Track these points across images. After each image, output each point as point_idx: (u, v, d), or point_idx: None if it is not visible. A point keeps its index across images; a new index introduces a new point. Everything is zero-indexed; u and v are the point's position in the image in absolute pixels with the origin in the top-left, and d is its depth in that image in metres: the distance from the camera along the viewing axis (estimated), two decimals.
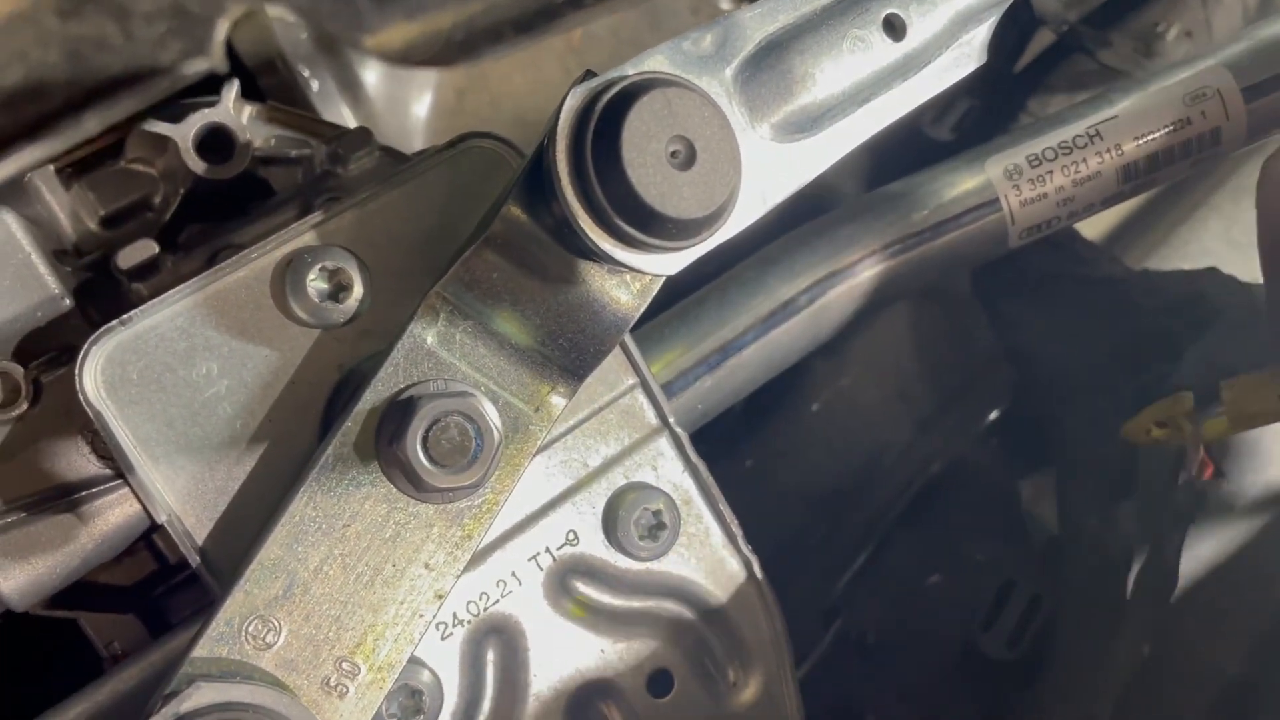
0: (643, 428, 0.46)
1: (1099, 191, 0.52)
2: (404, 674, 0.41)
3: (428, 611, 0.39)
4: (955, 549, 0.66)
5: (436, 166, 0.43)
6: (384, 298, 0.42)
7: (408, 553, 0.39)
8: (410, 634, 0.39)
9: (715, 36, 0.39)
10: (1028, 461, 0.70)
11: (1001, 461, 0.70)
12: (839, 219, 0.52)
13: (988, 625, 0.59)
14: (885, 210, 0.52)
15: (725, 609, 0.48)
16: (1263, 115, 0.52)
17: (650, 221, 0.35)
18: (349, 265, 0.41)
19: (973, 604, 0.61)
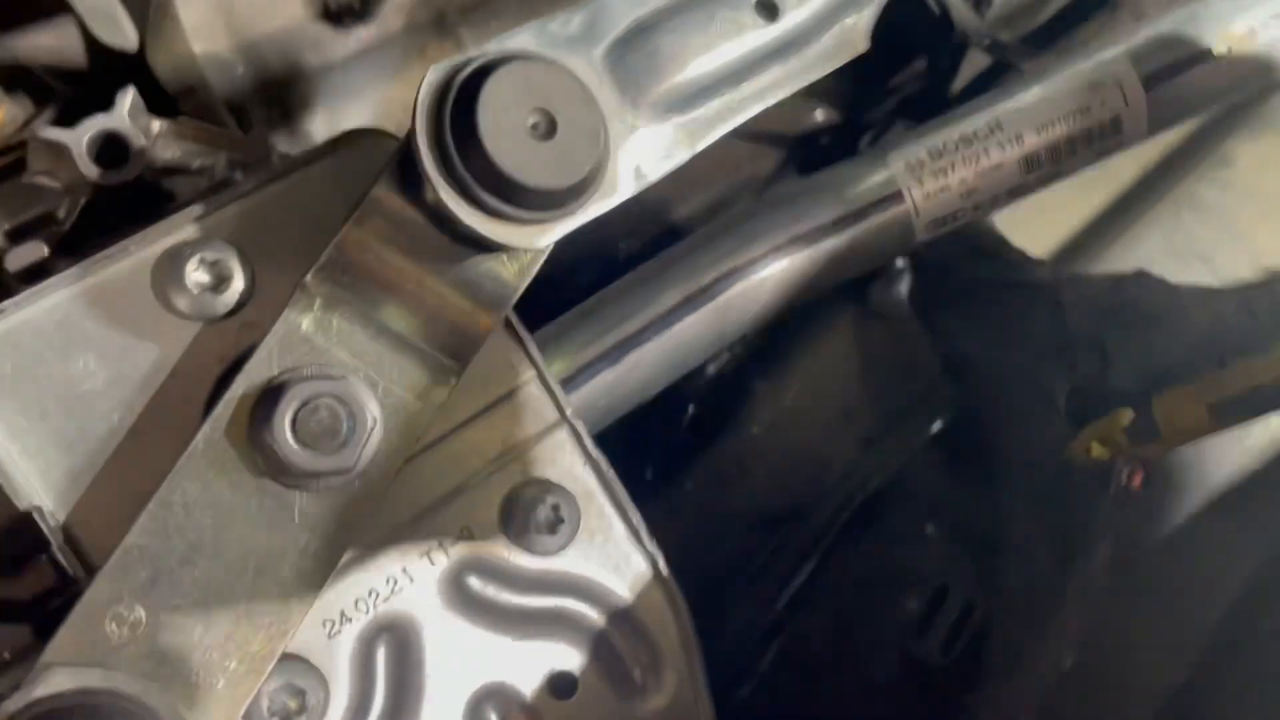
0: (540, 421, 0.46)
1: (1002, 182, 0.52)
2: (288, 672, 0.40)
3: (303, 603, 0.38)
4: (895, 561, 0.65)
5: (319, 160, 0.43)
6: (268, 291, 0.42)
7: (281, 541, 0.38)
8: (284, 626, 0.38)
9: (584, 18, 0.39)
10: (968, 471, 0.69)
11: (942, 473, 0.69)
12: (742, 215, 0.52)
13: (921, 632, 0.58)
14: (788, 206, 0.52)
15: (631, 608, 0.47)
16: (1164, 104, 0.52)
17: (512, 192, 0.35)
18: (229, 257, 0.41)
19: (911, 613, 0.60)
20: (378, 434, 0.39)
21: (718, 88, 0.41)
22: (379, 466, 0.40)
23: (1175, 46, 0.52)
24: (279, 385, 0.38)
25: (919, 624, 0.59)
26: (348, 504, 0.39)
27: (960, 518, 0.65)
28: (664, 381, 0.51)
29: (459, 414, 0.45)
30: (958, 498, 0.67)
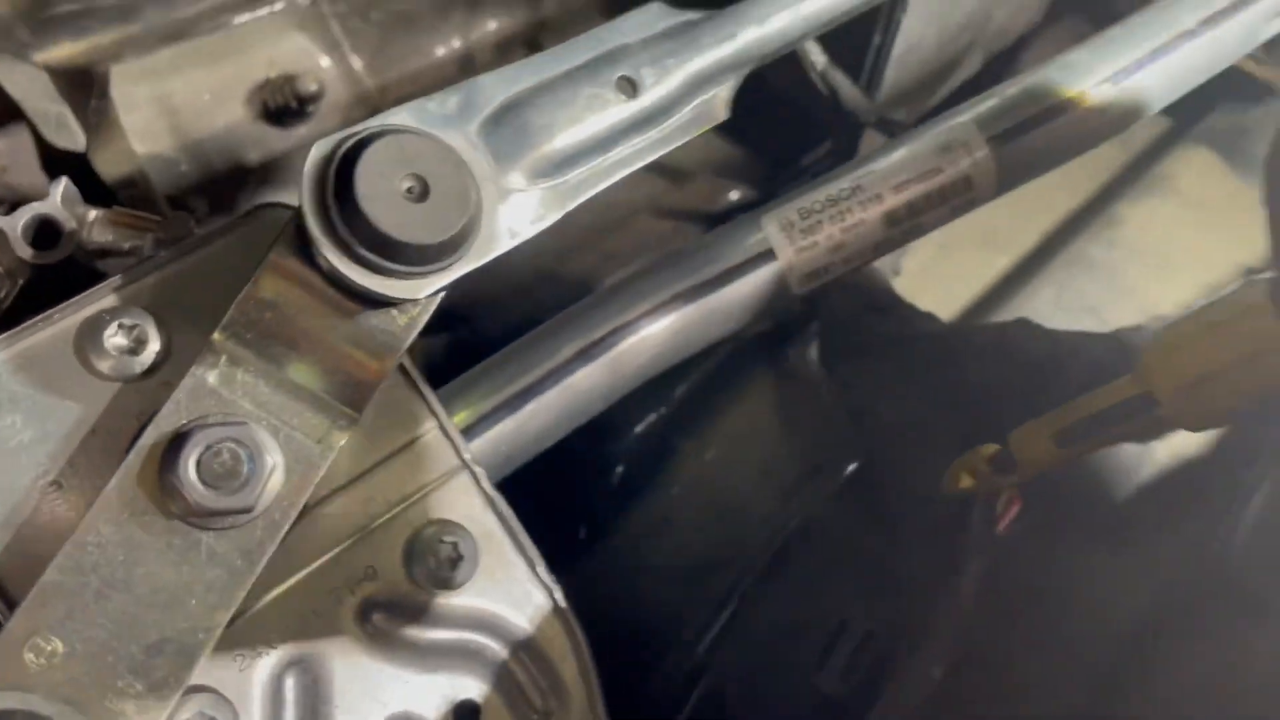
0: (441, 467, 0.49)
1: (866, 237, 0.56)
2: (201, 703, 0.43)
3: (209, 634, 0.42)
4: (802, 601, 0.68)
5: (229, 233, 0.47)
6: (183, 352, 0.46)
7: (189, 577, 0.42)
8: (191, 655, 0.41)
9: (459, 98, 0.44)
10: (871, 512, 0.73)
11: (849, 516, 0.73)
12: (632, 277, 0.57)
13: (821, 664, 0.61)
14: (673, 266, 0.56)
15: (531, 639, 0.50)
16: (1010, 162, 0.57)
17: (390, 249, 0.40)
18: (146, 323, 0.45)
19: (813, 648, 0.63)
20: (278, 475, 0.43)
21: (584, 156, 0.46)
22: (280, 506, 0.43)
23: (1017, 110, 0.58)
24: (185, 433, 0.42)
25: (819, 657, 0.62)
26: (252, 542, 0.43)
27: (864, 556, 0.69)
28: (563, 430, 0.55)
29: (365, 462, 0.48)
30: (862, 538, 0.71)
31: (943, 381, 0.66)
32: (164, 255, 0.47)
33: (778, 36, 0.53)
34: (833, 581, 0.69)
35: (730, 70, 0.51)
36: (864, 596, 0.66)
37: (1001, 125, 0.57)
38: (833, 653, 0.62)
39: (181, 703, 0.42)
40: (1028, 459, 0.54)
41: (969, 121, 0.57)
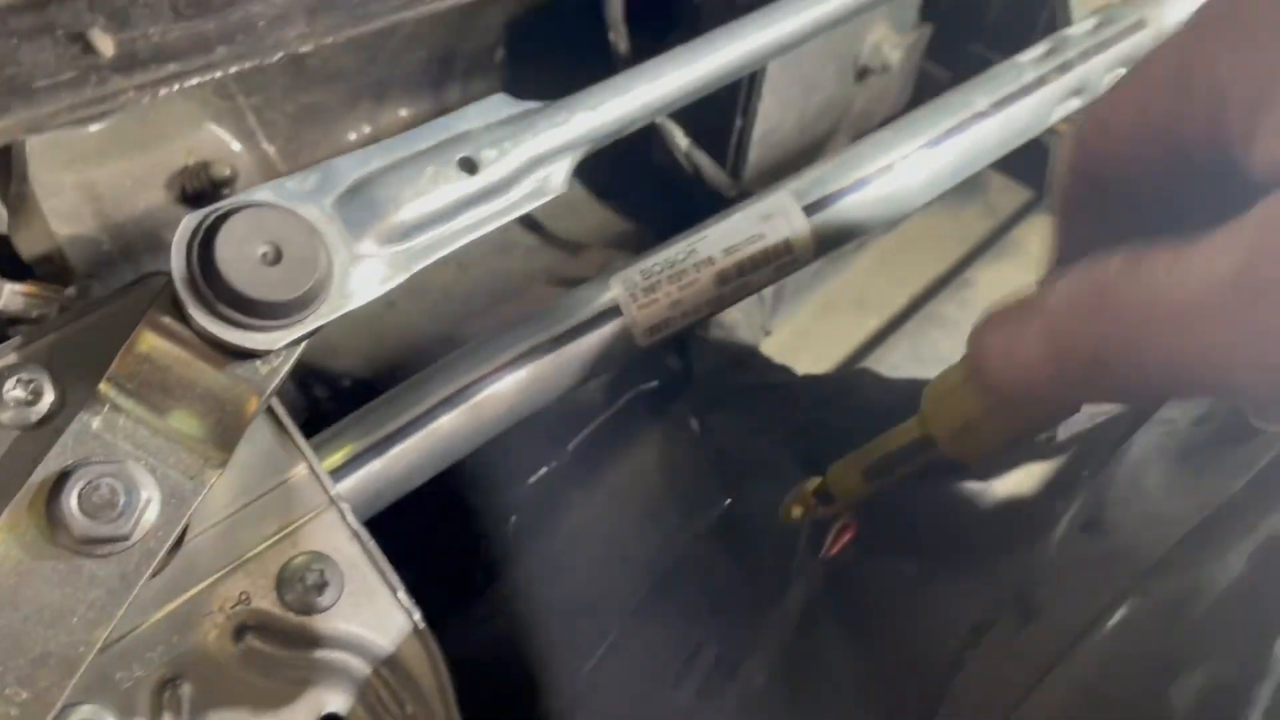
0: (311, 504, 0.55)
1: (702, 294, 0.64)
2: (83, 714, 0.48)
3: (89, 649, 0.47)
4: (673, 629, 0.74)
5: (119, 297, 0.54)
6: (75, 403, 0.52)
7: (71, 599, 0.47)
8: (71, 668, 0.46)
9: (317, 176, 0.51)
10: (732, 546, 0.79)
11: (715, 550, 0.79)
12: (494, 335, 0.63)
13: (676, 685, 0.67)
14: (529, 324, 0.63)
15: (392, 658, 0.55)
16: (824, 227, 0.65)
17: (246, 306, 0.47)
18: (42, 377, 0.51)
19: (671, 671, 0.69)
20: (153, 508, 0.49)
21: (429, 225, 0.53)
22: (156, 536, 0.49)
23: (830, 182, 0.66)
24: (69, 471, 0.47)
25: (675, 678, 0.67)
26: (129, 567, 0.48)
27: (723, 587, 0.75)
28: (428, 470, 0.61)
29: (241, 499, 0.54)
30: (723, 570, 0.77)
31: (791, 425, 0.73)
32: (60, 318, 0.53)
33: (612, 121, 0.61)
34: (696, 611, 0.75)
35: (565, 151, 0.58)
36: (721, 622, 0.72)
37: (815, 195, 0.65)
38: (689, 673, 0.67)
39: (67, 714, 0.48)
40: (842, 490, 0.61)
41: (786, 193, 0.65)
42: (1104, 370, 0.38)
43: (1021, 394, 0.44)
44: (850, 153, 0.67)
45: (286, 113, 0.98)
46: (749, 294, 0.67)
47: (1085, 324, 0.39)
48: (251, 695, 0.53)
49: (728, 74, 0.66)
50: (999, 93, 0.70)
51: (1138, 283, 0.36)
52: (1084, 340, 0.39)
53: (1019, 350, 0.42)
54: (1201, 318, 0.33)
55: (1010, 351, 0.42)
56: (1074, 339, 0.39)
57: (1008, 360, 0.43)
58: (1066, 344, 0.40)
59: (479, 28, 1.01)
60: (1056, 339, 0.40)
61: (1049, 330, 0.40)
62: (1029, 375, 0.42)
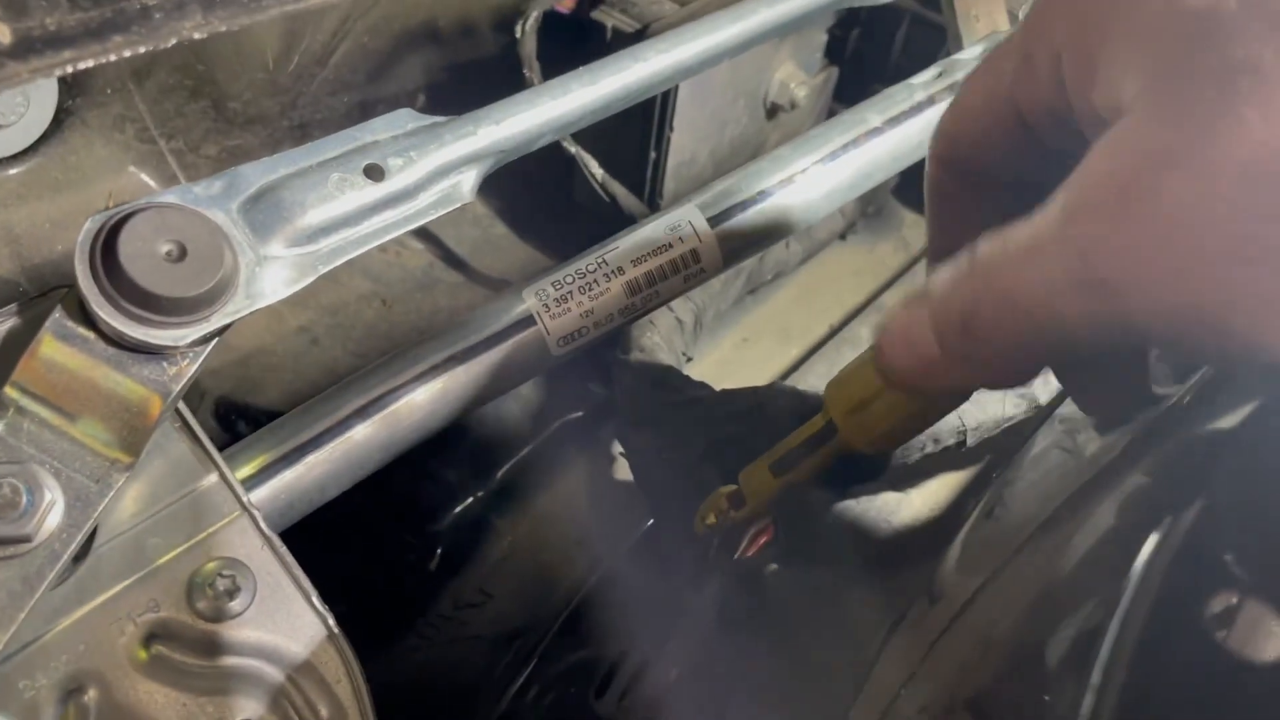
0: (222, 511, 0.55)
1: (613, 304, 0.65)
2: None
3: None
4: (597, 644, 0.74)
5: (25, 309, 0.54)
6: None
7: None
8: None
9: (223, 183, 0.52)
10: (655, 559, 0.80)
11: (639, 566, 0.80)
12: (410, 347, 0.64)
13: (600, 693, 0.67)
14: (445, 335, 0.64)
15: (307, 663, 0.55)
16: (730, 237, 0.67)
17: (149, 301, 0.47)
18: None
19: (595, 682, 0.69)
20: (57, 510, 0.48)
21: (335, 229, 0.54)
22: (60, 539, 0.49)
23: (734, 195, 0.68)
24: None
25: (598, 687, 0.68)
26: (31, 570, 0.48)
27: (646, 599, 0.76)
28: (344, 481, 0.61)
29: (151, 506, 0.54)
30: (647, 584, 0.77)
31: (710, 439, 0.75)
32: None
33: (518, 134, 0.63)
34: (620, 625, 0.75)
35: (471, 162, 0.60)
36: (644, 632, 0.72)
37: (721, 206, 0.67)
38: (611, 682, 0.68)
39: None
40: (752, 490, 0.62)
41: (692, 205, 0.67)
42: (975, 340, 0.41)
43: (917, 375, 0.46)
44: (752, 167, 0.70)
45: (209, 156, 0.99)
46: (659, 304, 0.68)
47: (957, 298, 0.41)
48: (160, 705, 0.52)
49: (631, 93, 0.69)
50: (891, 110, 0.74)
51: (997, 254, 0.39)
52: (956, 314, 0.41)
53: (912, 333, 0.44)
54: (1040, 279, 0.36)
55: (905, 336, 0.45)
56: (948, 314, 0.42)
57: (903, 344, 0.45)
58: (944, 320, 0.42)
59: (399, 73, 1.03)
60: (937, 317, 0.43)
61: (932, 311, 0.43)
62: (920, 355, 0.44)
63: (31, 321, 0.54)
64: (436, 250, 1.06)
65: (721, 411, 0.78)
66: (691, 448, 0.77)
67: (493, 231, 1.07)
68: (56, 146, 0.91)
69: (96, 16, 0.36)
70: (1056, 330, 0.37)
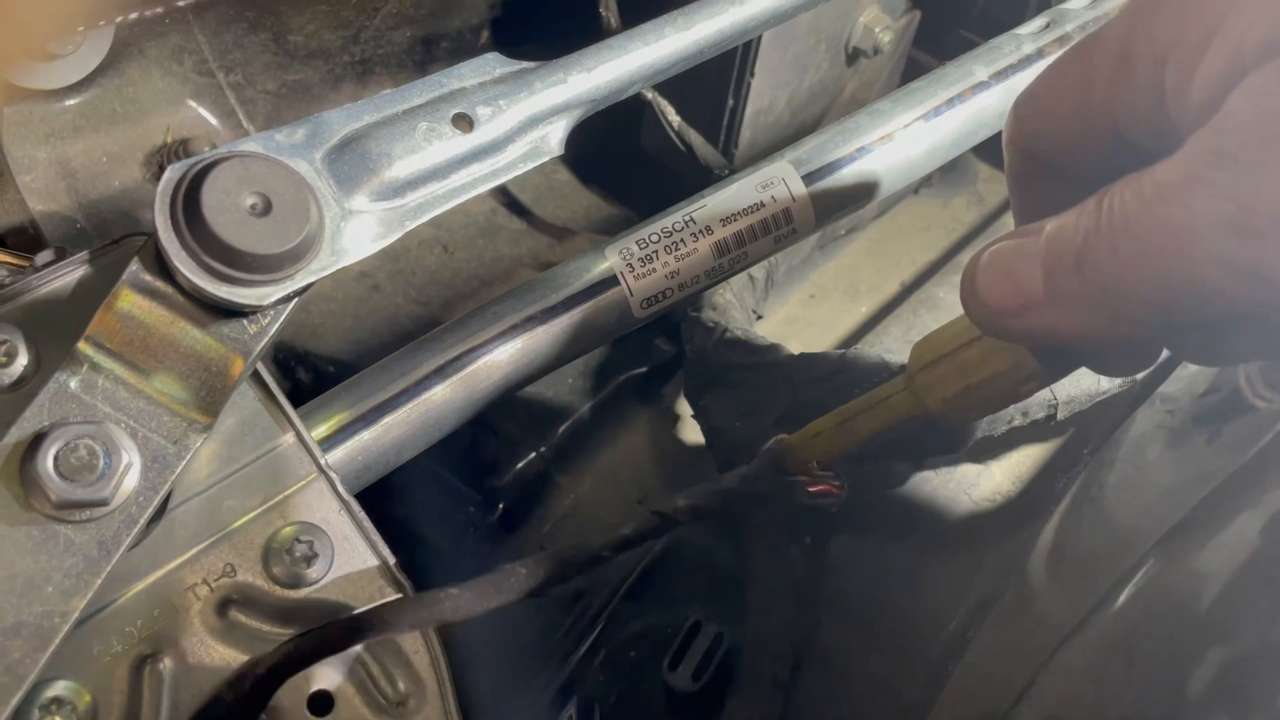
0: (299, 473, 0.53)
1: (699, 265, 0.62)
2: (58, 690, 0.46)
3: (64, 620, 0.45)
4: (665, 612, 0.72)
5: (97, 257, 0.52)
6: (52, 366, 0.49)
7: (46, 566, 0.45)
8: (46, 639, 0.44)
9: (305, 130, 0.49)
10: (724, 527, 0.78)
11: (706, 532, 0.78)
12: (489, 305, 0.61)
13: (675, 664, 0.65)
14: (524, 293, 0.61)
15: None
16: (824, 196, 0.64)
17: (233, 258, 0.44)
18: (15, 338, 0.49)
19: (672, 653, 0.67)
20: (134, 473, 0.46)
21: (422, 182, 0.51)
22: (137, 502, 0.47)
23: (829, 151, 0.64)
24: (45, 432, 0.45)
25: (673, 659, 0.66)
26: (108, 534, 0.46)
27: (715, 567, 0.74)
28: (420, 443, 0.59)
29: (227, 467, 0.52)
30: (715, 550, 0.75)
31: (782, 403, 0.72)
32: (35, 279, 0.51)
33: (609, 83, 0.59)
34: (689, 593, 0.73)
35: (561, 111, 0.57)
36: (715, 603, 0.70)
37: (815, 164, 0.64)
38: (686, 654, 0.66)
39: (40, 689, 0.45)
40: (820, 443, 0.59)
41: (786, 163, 0.63)
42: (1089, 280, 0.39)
43: (1011, 313, 0.43)
44: (850, 122, 0.66)
45: (268, 90, 0.96)
46: (747, 266, 0.65)
47: (1077, 232, 0.39)
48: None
49: (722, 41, 0.65)
50: (998, 64, 0.69)
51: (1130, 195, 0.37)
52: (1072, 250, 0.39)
53: (1015, 265, 0.41)
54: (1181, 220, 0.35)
55: (1006, 266, 0.42)
56: (1063, 248, 0.40)
57: (1002, 275, 0.42)
58: (1056, 254, 0.40)
59: (464, 6, 0.99)
60: (1050, 250, 0.40)
61: (1045, 242, 0.40)
62: (1019, 289, 0.41)
63: (105, 271, 0.52)
64: (499, 196, 1.03)
65: (802, 376, 0.75)
66: (769, 413, 0.75)
67: (556, 178, 1.04)
68: (113, 78, 0.88)
69: None
70: (1188, 277, 0.35)
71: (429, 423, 0.59)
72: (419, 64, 1.02)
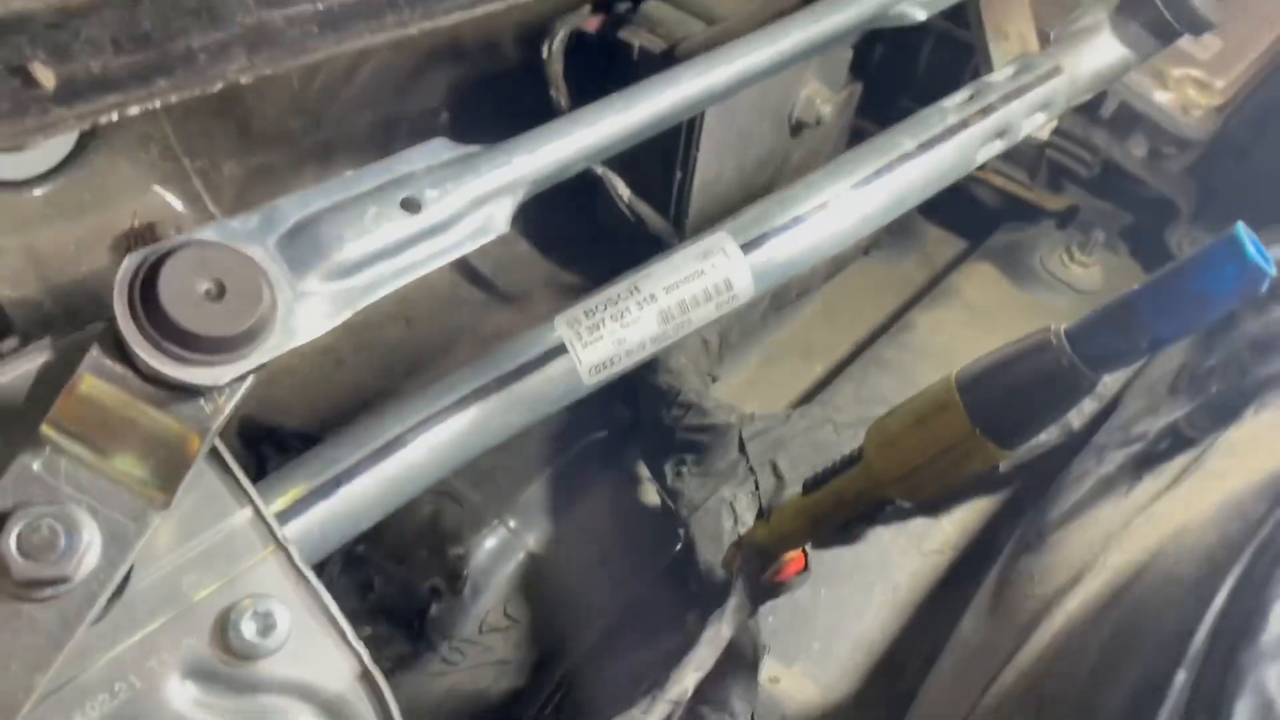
0: (257, 547, 0.55)
1: (645, 331, 0.65)
2: None
3: (28, 694, 0.46)
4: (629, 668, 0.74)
5: (61, 344, 0.54)
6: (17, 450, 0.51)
7: (11, 644, 0.46)
8: (8, 713, 0.45)
9: (260, 217, 0.52)
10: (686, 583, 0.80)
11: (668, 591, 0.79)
12: (444, 376, 0.64)
13: None
14: (479, 364, 0.64)
15: (339, 700, 0.54)
16: (762, 263, 0.67)
17: (189, 341, 0.47)
18: None
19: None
20: (94, 550, 0.48)
21: (372, 263, 0.54)
22: (97, 578, 0.48)
23: (766, 221, 0.68)
24: (8, 513, 0.47)
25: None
26: (70, 611, 0.47)
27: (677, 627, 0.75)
28: (379, 510, 0.61)
29: (186, 542, 0.54)
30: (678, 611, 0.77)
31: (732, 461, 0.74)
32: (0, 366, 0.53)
33: (552, 163, 0.62)
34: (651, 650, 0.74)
35: (507, 192, 0.60)
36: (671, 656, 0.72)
37: (753, 233, 0.67)
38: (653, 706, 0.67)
39: None
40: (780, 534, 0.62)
41: (724, 233, 0.66)
42: None
43: None
44: (785, 193, 0.69)
45: (233, 175, 0.99)
46: (689, 331, 0.68)
47: None
48: None
49: (663, 119, 0.68)
50: (924, 135, 0.73)
51: None
52: None
53: None
54: None
55: None
56: None
57: None
58: None
59: (423, 90, 1.03)
60: None
61: None
62: None
63: (66, 356, 0.54)
64: (460, 268, 1.06)
65: (753, 436, 0.77)
66: (720, 472, 0.77)
67: (516, 249, 1.07)
68: (81, 167, 0.91)
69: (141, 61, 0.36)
70: None
71: (385, 492, 0.61)
72: (380, 145, 1.06)
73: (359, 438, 0.61)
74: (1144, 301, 0.53)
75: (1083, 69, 0.82)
